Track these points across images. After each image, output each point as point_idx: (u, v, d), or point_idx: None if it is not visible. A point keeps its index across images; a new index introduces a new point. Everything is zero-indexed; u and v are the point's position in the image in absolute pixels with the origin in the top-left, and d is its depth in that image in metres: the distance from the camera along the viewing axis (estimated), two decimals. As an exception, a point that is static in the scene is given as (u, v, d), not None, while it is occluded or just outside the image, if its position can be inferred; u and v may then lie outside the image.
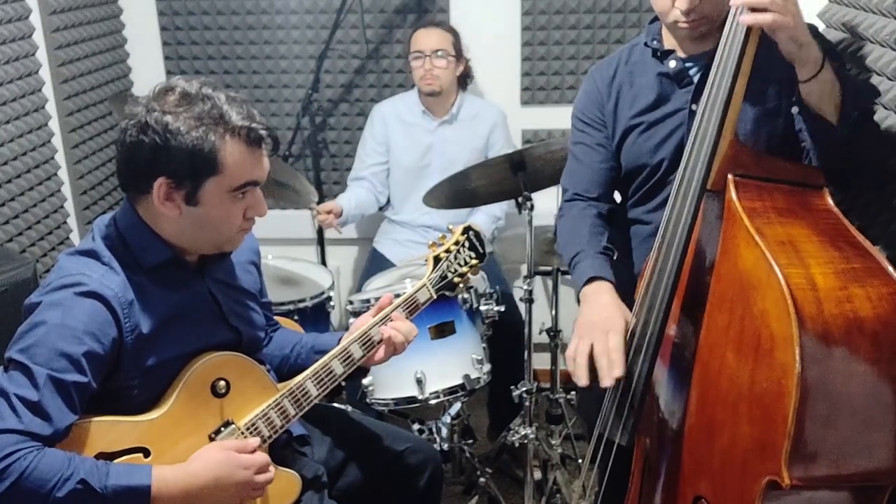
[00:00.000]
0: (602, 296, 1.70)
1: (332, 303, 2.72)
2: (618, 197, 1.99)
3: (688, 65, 1.77)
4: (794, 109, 1.54)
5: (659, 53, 1.80)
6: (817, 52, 1.44)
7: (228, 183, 1.49)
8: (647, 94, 1.82)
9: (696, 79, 1.76)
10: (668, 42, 1.80)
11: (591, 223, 1.89)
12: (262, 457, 1.55)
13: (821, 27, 2.02)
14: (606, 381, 1.57)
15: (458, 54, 2.91)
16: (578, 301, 1.78)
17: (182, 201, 1.48)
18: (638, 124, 1.84)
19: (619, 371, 1.56)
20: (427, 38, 2.86)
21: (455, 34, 2.91)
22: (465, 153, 2.95)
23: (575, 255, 1.84)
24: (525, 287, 2.39)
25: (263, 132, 1.50)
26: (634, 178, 1.88)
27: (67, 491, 1.31)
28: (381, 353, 1.77)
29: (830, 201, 1.46)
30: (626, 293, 1.73)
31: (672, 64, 1.77)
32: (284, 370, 1.85)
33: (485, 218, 2.98)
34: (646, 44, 1.83)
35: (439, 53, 2.85)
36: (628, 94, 1.86)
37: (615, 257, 1.86)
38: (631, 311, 1.64)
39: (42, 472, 1.30)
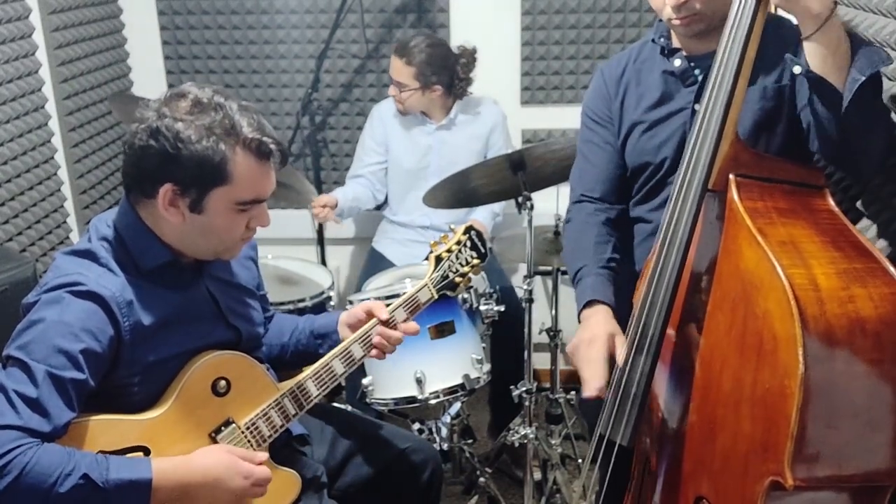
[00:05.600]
0: (593, 317, 1.76)
1: (331, 302, 2.73)
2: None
3: (692, 64, 1.76)
4: (797, 69, 1.43)
5: (666, 51, 1.80)
6: (818, 8, 1.35)
7: (236, 195, 1.49)
8: (652, 92, 1.82)
9: (700, 78, 1.75)
10: (676, 40, 1.79)
11: (596, 231, 1.88)
12: (265, 471, 1.54)
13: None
14: (586, 391, 1.65)
15: (426, 83, 2.83)
16: (580, 319, 1.81)
17: (186, 208, 1.48)
18: (641, 122, 1.83)
19: (599, 382, 1.64)
20: (392, 66, 2.87)
21: (422, 64, 2.80)
22: (464, 155, 2.94)
23: (579, 270, 1.85)
24: (525, 287, 2.39)
25: (273, 146, 1.51)
26: (637, 176, 1.88)
27: (70, 486, 1.30)
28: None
29: (831, 201, 1.46)
30: (627, 291, 1.74)
31: (677, 63, 1.77)
32: (286, 358, 1.85)
33: (485, 213, 3.02)
34: (653, 40, 1.83)
35: (398, 84, 2.86)
36: (634, 92, 1.85)
37: (619, 264, 1.86)
38: (630, 313, 1.64)
39: (43, 468, 1.30)
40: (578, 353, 1.72)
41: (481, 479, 2.68)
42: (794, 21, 1.44)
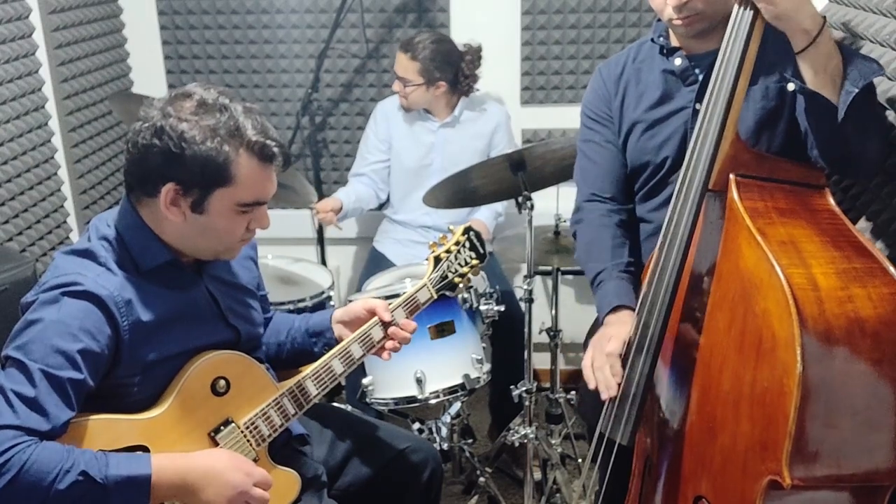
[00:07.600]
0: (619, 320, 1.73)
1: (332, 302, 2.72)
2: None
3: (693, 63, 1.76)
4: (791, 86, 1.47)
5: (665, 50, 1.80)
6: (808, 24, 1.39)
7: (238, 197, 1.49)
8: (652, 92, 1.82)
9: (700, 77, 1.74)
10: (675, 39, 1.79)
11: (612, 234, 1.87)
12: (265, 473, 1.54)
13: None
14: (605, 393, 1.63)
15: (430, 79, 2.83)
16: (599, 321, 1.79)
17: (188, 208, 1.49)
18: (642, 121, 1.83)
19: (618, 379, 1.61)
20: (397, 62, 2.87)
21: (427, 60, 2.80)
22: (467, 153, 2.94)
23: (598, 274, 1.84)
24: (525, 287, 2.39)
25: (276, 149, 1.51)
26: (638, 175, 1.87)
27: (69, 483, 1.31)
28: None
29: (832, 201, 1.46)
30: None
31: (678, 62, 1.76)
32: (283, 356, 1.85)
33: (487, 213, 3.02)
34: (652, 40, 1.83)
35: (402, 80, 2.86)
36: (634, 91, 1.85)
37: (635, 268, 1.85)
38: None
39: (42, 465, 1.30)
40: (597, 346, 1.69)
41: (481, 479, 2.68)
42: None
